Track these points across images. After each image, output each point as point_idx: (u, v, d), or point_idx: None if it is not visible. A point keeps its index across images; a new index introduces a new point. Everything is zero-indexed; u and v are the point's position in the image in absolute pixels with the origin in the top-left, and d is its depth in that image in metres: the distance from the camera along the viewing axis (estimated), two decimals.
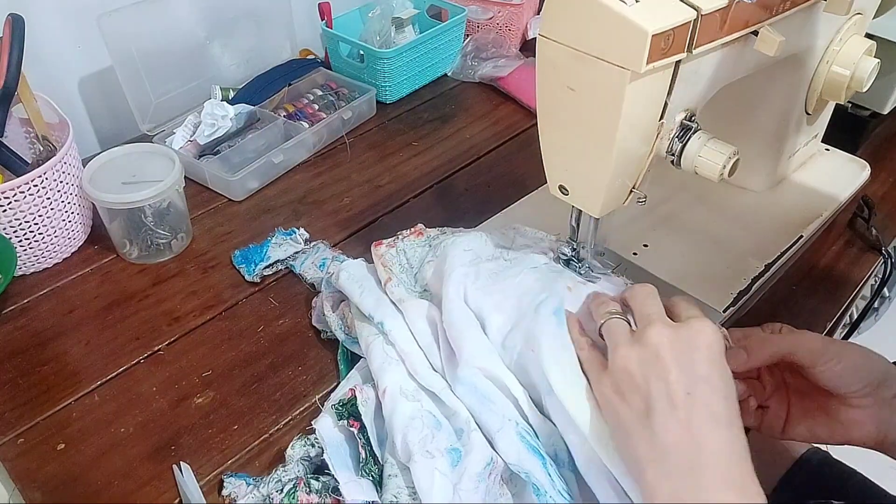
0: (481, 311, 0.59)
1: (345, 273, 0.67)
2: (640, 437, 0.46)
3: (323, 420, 0.57)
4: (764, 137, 0.79)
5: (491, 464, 0.52)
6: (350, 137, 0.98)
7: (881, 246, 0.79)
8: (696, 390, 0.45)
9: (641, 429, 0.46)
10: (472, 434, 0.54)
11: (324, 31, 1.07)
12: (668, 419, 0.45)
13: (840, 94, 0.74)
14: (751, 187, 0.83)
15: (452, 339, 0.58)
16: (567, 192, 0.61)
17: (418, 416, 0.55)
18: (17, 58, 0.71)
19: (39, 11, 0.85)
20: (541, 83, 0.56)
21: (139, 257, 0.78)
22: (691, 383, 0.45)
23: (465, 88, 1.11)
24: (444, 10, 1.13)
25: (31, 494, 0.57)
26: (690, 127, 0.58)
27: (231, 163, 0.89)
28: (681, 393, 0.45)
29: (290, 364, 0.67)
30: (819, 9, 0.63)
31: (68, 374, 0.66)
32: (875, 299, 0.93)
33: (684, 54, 0.51)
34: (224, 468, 0.58)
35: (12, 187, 0.69)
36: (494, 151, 0.97)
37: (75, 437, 0.61)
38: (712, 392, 0.45)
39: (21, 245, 0.73)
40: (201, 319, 0.71)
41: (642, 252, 0.75)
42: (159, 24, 0.91)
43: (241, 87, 1.00)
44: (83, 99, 0.96)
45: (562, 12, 0.50)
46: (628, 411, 0.47)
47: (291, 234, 0.79)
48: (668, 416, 0.45)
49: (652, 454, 0.45)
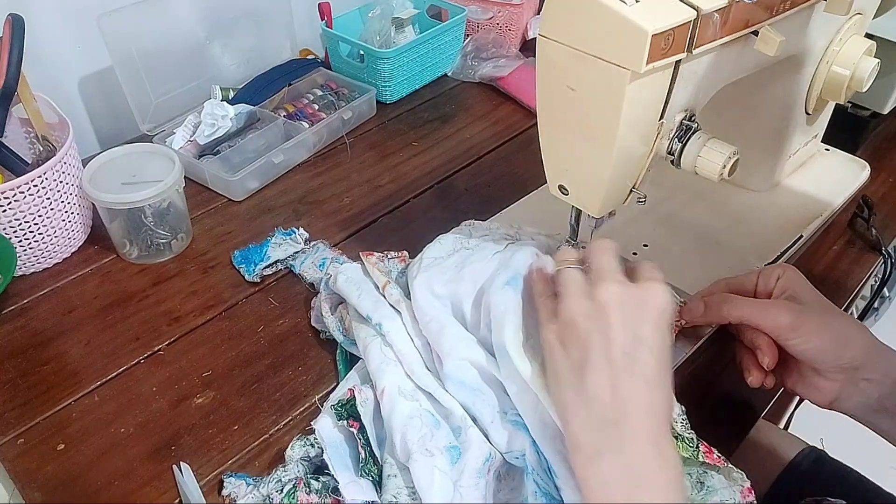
0: (457, 301, 0.60)
1: (342, 276, 0.67)
2: (570, 385, 0.48)
3: (322, 420, 0.57)
4: (764, 137, 0.79)
5: (489, 459, 0.52)
6: (350, 137, 0.98)
7: (881, 246, 0.79)
8: (634, 351, 0.46)
9: (573, 378, 0.47)
10: (468, 431, 0.54)
11: (324, 31, 1.07)
12: (600, 374, 0.46)
13: (840, 94, 0.74)
14: (751, 187, 0.83)
15: (432, 339, 0.59)
16: (567, 192, 0.61)
17: (417, 415, 0.55)
18: (17, 58, 0.71)
19: (39, 11, 0.85)
20: (541, 83, 0.56)
21: (139, 257, 0.78)
22: (630, 344, 0.46)
23: (465, 88, 1.11)
24: (444, 10, 1.13)
25: (31, 494, 0.57)
26: (690, 127, 0.58)
27: (231, 163, 0.89)
28: (618, 351, 0.46)
29: (290, 364, 0.67)
30: (819, 9, 0.63)
31: (68, 374, 0.66)
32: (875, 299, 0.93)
33: (684, 54, 0.51)
34: (224, 468, 0.58)
35: (12, 187, 0.69)
36: (494, 151, 0.97)
37: (75, 437, 0.61)
38: (649, 355, 0.46)
39: (21, 245, 0.73)
40: (201, 319, 0.71)
41: (642, 252, 0.75)
42: (159, 24, 0.91)
43: (241, 87, 1.00)
44: (83, 99, 0.96)
45: (562, 12, 0.50)
46: (565, 360, 0.48)
47: (291, 234, 0.79)
48: (600, 370, 0.46)
49: (578, 404, 0.47)
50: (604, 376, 0.46)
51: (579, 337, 0.48)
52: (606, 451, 0.44)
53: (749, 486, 0.53)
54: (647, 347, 0.46)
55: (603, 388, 0.46)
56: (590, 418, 0.46)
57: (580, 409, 0.47)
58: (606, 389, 0.46)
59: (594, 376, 0.46)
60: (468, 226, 0.71)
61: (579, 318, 0.48)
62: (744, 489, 0.53)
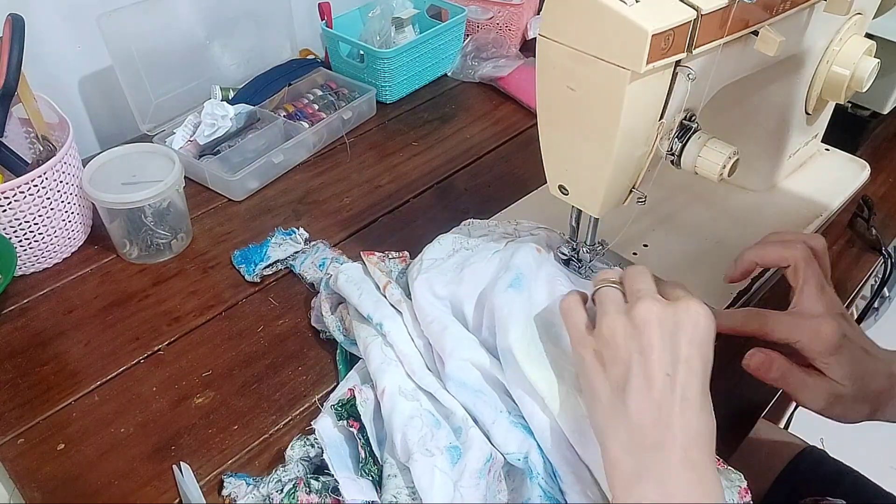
0: (457, 303, 0.60)
1: (343, 276, 0.67)
2: (611, 407, 0.46)
3: (322, 420, 0.57)
4: (764, 137, 0.79)
5: (490, 460, 0.52)
6: (350, 137, 0.98)
7: (881, 246, 0.79)
8: (675, 371, 0.45)
9: (614, 399, 0.46)
10: (469, 431, 0.54)
11: (324, 31, 1.07)
12: (642, 396, 0.45)
13: (840, 94, 0.74)
14: (751, 187, 0.83)
15: (433, 339, 0.59)
16: (567, 192, 0.61)
17: (417, 415, 0.55)
18: (17, 58, 0.71)
19: (39, 11, 0.85)
20: (541, 83, 0.56)
21: (139, 257, 0.78)
22: (672, 364, 0.45)
23: (465, 88, 1.11)
24: (444, 10, 1.13)
25: (31, 494, 0.57)
26: (690, 127, 0.58)
27: (231, 163, 0.89)
28: (659, 372, 0.45)
29: (289, 364, 0.67)
30: (819, 9, 0.63)
31: (68, 374, 0.66)
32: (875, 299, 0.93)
33: (684, 54, 0.51)
34: (224, 468, 0.58)
35: (12, 187, 0.69)
36: (494, 151, 0.97)
37: (75, 437, 0.61)
38: (691, 375, 0.45)
39: (21, 245, 0.73)
40: (201, 319, 0.71)
41: (642, 252, 0.75)
42: (159, 24, 0.91)
43: (241, 87, 1.00)
44: (83, 99, 0.96)
45: (562, 12, 0.50)
46: (604, 380, 0.47)
47: (291, 234, 0.79)
48: (642, 392, 0.45)
49: (619, 426, 0.46)
50: (646, 398, 0.45)
51: (619, 356, 0.47)
52: (647, 477, 0.43)
53: (745, 487, 0.53)
54: (689, 368, 0.45)
55: (646, 412, 0.45)
56: (631, 441, 0.45)
57: (621, 430, 0.45)
58: (649, 413, 0.45)
59: (636, 398, 0.45)
60: (467, 225, 0.72)
61: (619, 336, 0.47)
62: (741, 489, 0.53)
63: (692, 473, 0.43)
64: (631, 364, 0.46)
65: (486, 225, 0.71)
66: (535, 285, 0.58)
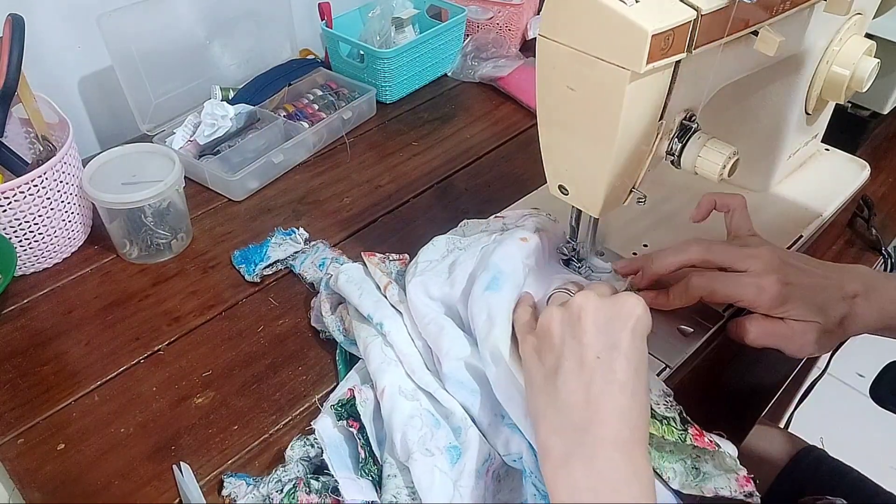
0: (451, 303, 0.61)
1: (344, 276, 0.67)
2: (544, 392, 0.47)
3: (322, 420, 0.57)
4: (764, 137, 0.79)
5: (489, 460, 0.52)
6: (350, 137, 0.98)
7: (881, 246, 0.79)
8: (608, 357, 0.46)
9: (546, 384, 0.47)
10: (469, 431, 0.54)
11: (324, 31, 1.07)
12: (572, 378, 0.46)
13: (840, 94, 0.74)
14: (751, 187, 0.83)
15: (431, 340, 0.59)
16: (567, 192, 0.61)
17: (417, 415, 0.55)
18: (17, 58, 0.71)
19: (39, 11, 0.85)
20: (541, 83, 0.56)
21: (139, 257, 0.78)
22: (603, 348, 0.46)
23: (465, 88, 1.11)
24: (444, 10, 1.13)
25: (31, 494, 0.57)
26: (690, 127, 0.58)
27: (231, 163, 0.89)
28: (591, 355, 0.46)
29: (289, 364, 0.67)
30: (819, 9, 0.63)
31: (68, 374, 0.66)
32: None
33: (684, 54, 0.51)
34: (224, 468, 0.58)
35: (12, 187, 0.69)
36: (494, 151, 0.97)
37: (75, 437, 0.61)
38: (623, 359, 0.46)
39: (21, 245, 0.73)
40: (201, 319, 0.71)
41: (642, 252, 0.74)
42: (159, 24, 0.91)
43: (241, 87, 1.00)
44: (83, 99, 0.96)
45: (562, 12, 0.50)
46: (540, 369, 0.49)
47: (291, 234, 0.79)
48: (572, 375, 0.46)
49: (549, 409, 0.46)
50: (576, 380, 0.46)
51: (554, 344, 0.48)
52: (576, 457, 0.44)
53: (747, 475, 0.52)
54: (622, 353, 0.46)
55: (575, 393, 0.45)
56: (561, 423, 0.45)
57: (552, 413, 0.46)
58: (579, 394, 0.45)
59: (566, 380, 0.46)
60: (463, 226, 0.71)
61: (555, 324, 0.49)
62: (740, 477, 0.52)
63: (621, 454, 0.43)
64: (563, 349, 0.47)
65: (480, 223, 0.70)
66: (513, 282, 0.58)
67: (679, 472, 0.52)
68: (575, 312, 0.48)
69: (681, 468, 0.53)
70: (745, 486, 0.52)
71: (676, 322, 0.67)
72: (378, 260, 0.68)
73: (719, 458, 0.52)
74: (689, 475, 0.52)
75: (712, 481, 0.52)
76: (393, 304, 0.63)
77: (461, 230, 0.71)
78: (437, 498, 0.50)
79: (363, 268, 0.68)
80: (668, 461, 0.53)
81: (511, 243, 0.60)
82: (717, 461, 0.52)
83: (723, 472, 0.52)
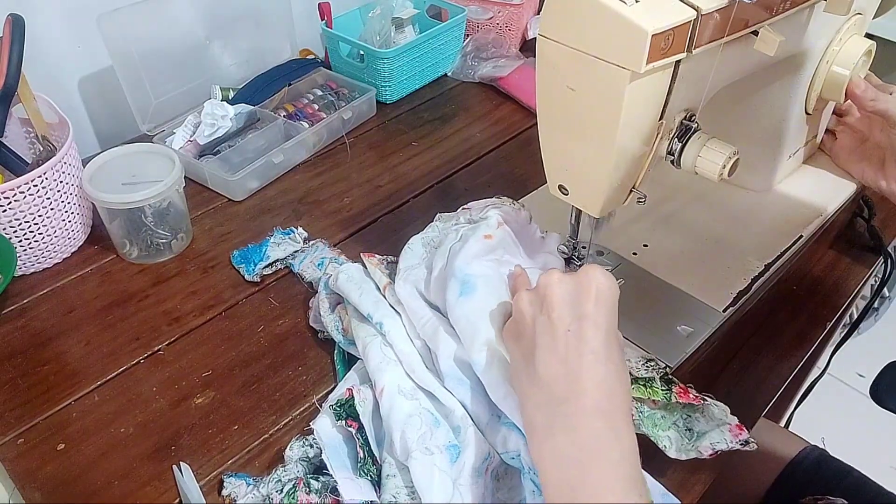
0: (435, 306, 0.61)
1: (343, 275, 0.67)
2: (525, 373, 0.49)
3: (321, 420, 0.57)
4: (764, 137, 0.79)
5: (488, 459, 0.52)
6: (350, 137, 0.98)
7: (881, 246, 0.79)
8: (579, 328, 0.47)
9: (525, 365, 0.49)
10: (468, 430, 0.54)
11: (324, 31, 1.07)
12: (548, 353, 0.47)
13: (840, 94, 0.74)
14: (751, 187, 0.83)
15: (428, 339, 0.59)
16: (567, 192, 0.61)
17: (416, 414, 0.55)
18: (17, 58, 0.71)
19: (39, 11, 0.85)
20: (541, 83, 0.56)
21: (139, 257, 0.78)
22: (573, 320, 0.47)
23: (465, 88, 1.11)
24: (444, 10, 1.13)
25: (31, 494, 0.57)
26: (690, 127, 0.58)
27: (231, 163, 0.89)
28: (561, 329, 0.47)
29: (289, 364, 0.67)
30: (819, 9, 0.63)
31: (68, 374, 0.66)
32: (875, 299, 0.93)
33: (684, 54, 0.51)
34: (224, 468, 0.58)
35: (12, 187, 0.69)
36: (494, 151, 0.97)
37: (75, 437, 0.61)
38: (594, 329, 0.47)
39: (21, 245, 0.73)
40: (201, 319, 0.71)
41: (642, 252, 0.75)
42: (159, 24, 0.91)
43: (241, 87, 1.00)
44: (83, 99, 0.96)
45: (562, 12, 0.50)
46: (518, 352, 0.50)
47: (290, 234, 0.79)
48: (548, 350, 0.47)
49: (530, 387, 0.48)
50: (552, 355, 0.47)
51: (527, 325, 0.49)
52: (558, 429, 0.45)
53: (738, 423, 0.52)
54: (591, 323, 0.47)
55: (552, 367, 0.46)
56: (542, 398, 0.47)
57: (533, 391, 0.47)
58: (556, 367, 0.46)
59: (542, 356, 0.47)
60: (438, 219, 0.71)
61: (524, 304, 0.50)
62: (732, 427, 0.52)
63: (603, 422, 0.44)
64: (536, 328, 0.48)
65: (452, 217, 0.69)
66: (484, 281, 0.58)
67: (674, 438, 0.53)
68: (541, 291, 0.49)
69: (675, 434, 0.53)
70: (740, 435, 0.52)
71: (676, 322, 0.67)
72: (377, 261, 0.68)
73: (708, 412, 0.53)
74: (684, 438, 0.53)
75: (707, 438, 0.52)
76: (392, 304, 0.63)
77: (436, 224, 0.70)
78: (436, 496, 0.50)
79: (363, 268, 0.68)
80: (662, 429, 0.53)
81: (475, 242, 0.60)
82: (707, 416, 0.53)
83: (714, 426, 0.52)
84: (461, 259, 0.59)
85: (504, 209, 0.66)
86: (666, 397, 0.52)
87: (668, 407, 0.54)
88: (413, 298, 0.61)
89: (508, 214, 0.66)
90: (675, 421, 0.54)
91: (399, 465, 0.54)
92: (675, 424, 0.54)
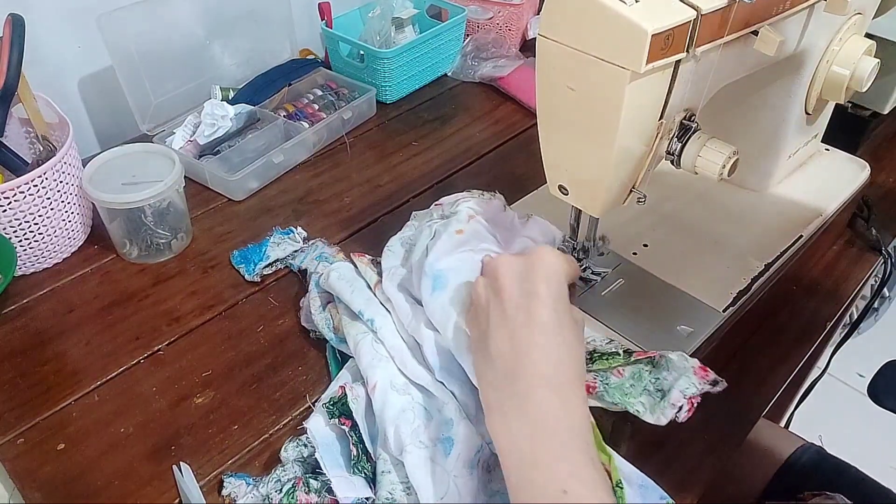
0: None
1: (335, 273, 0.67)
2: (479, 353, 0.50)
3: (314, 419, 0.58)
4: (764, 137, 0.79)
5: (479, 451, 0.53)
6: (350, 137, 0.98)
7: (881, 246, 0.79)
8: (527, 305, 0.47)
9: (480, 346, 0.50)
10: (461, 423, 0.54)
11: (324, 31, 1.07)
12: (497, 332, 0.48)
13: (840, 93, 0.74)
14: (751, 187, 0.83)
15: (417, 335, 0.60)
16: (567, 192, 0.61)
17: (409, 409, 0.55)
18: (17, 58, 0.71)
19: (39, 11, 0.85)
20: (541, 83, 0.56)
21: (139, 257, 0.78)
22: (521, 297, 0.48)
23: (465, 88, 1.11)
24: (444, 10, 1.13)
25: (31, 494, 0.57)
26: (690, 127, 0.58)
27: (231, 163, 0.89)
28: (510, 305, 0.48)
29: (290, 364, 0.67)
30: (819, 9, 0.63)
31: (68, 374, 0.66)
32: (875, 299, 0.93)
33: (684, 54, 0.51)
34: (224, 468, 0.58)
35: (12, 187, 0.69)
36: (494, 151, 0.97)
37: (75, 437, 0.61)
38: (542, 306, 0.47)
39: (21, 245, 0.73)
40: (201, 319, 0.71)
41: (642, 252, 0.75)
42: (159, 24, 0.91)
43: (241, 87, 1.00)
44: (83, 99, 0.96)
45: (562, 12, 0.50)
46: (475, 332, 0.51)
47: (289, 234, 0.79)
48: (497, 328, 0.48)
49: (484, 366, 0.49)
50: (502, 333, 0.47)
51: (481, 306, 0.50)
52: (509, 405, 0.45)
53: (701, 364, 0.52)
54: (539, 300, 0.47)
55: (502, 344, 0.47)
56: (494, 376, 0.47)
57: (487, 371, 0.48)
58: (505, 344, 0.47)
59: (493, 335, 0.48)
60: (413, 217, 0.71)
61: (479, 289, 0.51)
62: (697, 369, 0.52)
63: (552, 394, 0.45)
64: (489, 308, 0.49)
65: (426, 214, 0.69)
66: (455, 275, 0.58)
67: (647, 403, 0.53)
68: (492, 273, 0.50)
69: (646, 398, 0.53)
70: (706, 376, 0.52)
71: (676, 322, 0.67)
72: (367, 260, 0.68)
73: (670, 364, 0.53)
74: (655, 398, 0.53)
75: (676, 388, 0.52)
76: (383, 301, 0.64)
77: (412, 223, 0.70)
78: (431, 489, 0.50)
79: (353, 267, 0.68)
80: (633, 397, 0.53)
81: (447, 238, 0.60)
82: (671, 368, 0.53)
83: (680, 373, 0.52)
84: (432, 256, 0.59)
85: (473, 202, 0.66)
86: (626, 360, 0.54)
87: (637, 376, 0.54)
88: (399, 295, 0.62)
89: (479, 205, 0.66)
90: (644, 387, 0.54)
91: (394, 460, 0.54)
92: (646, 390, 0.53)
